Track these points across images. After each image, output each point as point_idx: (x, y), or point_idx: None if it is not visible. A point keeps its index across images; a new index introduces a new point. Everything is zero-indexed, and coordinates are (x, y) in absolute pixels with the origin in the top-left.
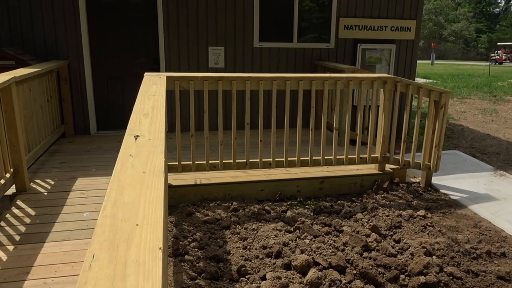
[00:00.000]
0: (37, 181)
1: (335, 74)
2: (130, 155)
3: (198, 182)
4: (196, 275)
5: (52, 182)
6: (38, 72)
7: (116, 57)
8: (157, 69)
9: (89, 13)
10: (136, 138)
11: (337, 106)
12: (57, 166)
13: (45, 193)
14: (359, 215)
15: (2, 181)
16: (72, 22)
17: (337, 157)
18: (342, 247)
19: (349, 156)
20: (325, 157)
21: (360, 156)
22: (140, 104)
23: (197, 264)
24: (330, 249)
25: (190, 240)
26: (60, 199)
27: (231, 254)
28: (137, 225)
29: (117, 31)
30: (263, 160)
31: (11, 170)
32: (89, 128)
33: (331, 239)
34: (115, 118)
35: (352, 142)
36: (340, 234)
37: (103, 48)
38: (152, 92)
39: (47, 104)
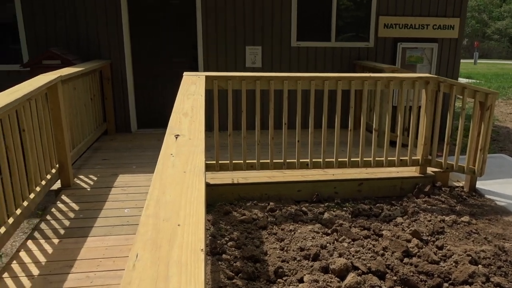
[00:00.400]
0: (81, 176)
1: (375, 73)
2: (171, 154)
3: (235, 181)
4: (233, 274)
5: (95, 178)
6: (82, 72)
7: (156, 56)
8: (196, 68)
9: (130, 13)
10: (176, 138)
11: (376, 107)
12: (100, 162)
13: (88, 189)
14: (399, 219)
15: (48, 177)
16: (114, 23)
17: (376, 158)
18: (382, 251)
19: (388, 158)
20: (364, 159)
21: (401, 158)
22: (180, 103)
23: (234, 264)
24: (369, 253)
25: (227, 239)
26: (103, 195)
27: (268, 255)
28: (179, 225)
29: (156, 30)
30: (300, 160)
31: (57, 165)
32: (130, 126)
33: (370, 243)
34: (155, 116)
35: (392, 143)
36: (380, 238)
37: (143, 48)
38: (192, 91)
39: (91, 102)
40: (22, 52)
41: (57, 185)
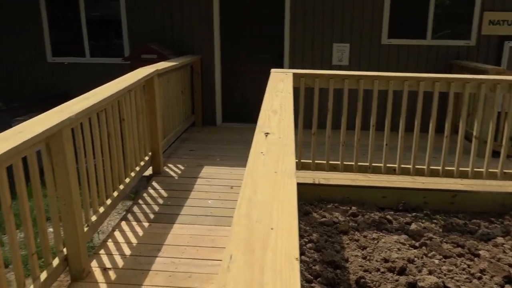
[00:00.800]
0: (170, 165)
1: (478, 75)
2: (262, 152)
3: (316, 182)
4: (312, 278)
5: (182, 168)
6: (176, 66)
7: (242, 52)
8: (281, 65)
9: (221, 13)
10: (266, 136)
11: (478, 112)
12: (187, 153)
13: (176, 177)
14: (499, 239)
15: (142, 163)
16: (206, 21)
17: (475, 169)
18: (479, 274)
19: (489, 170)
20: (460, 168)
21: (504, 171)
22: (268, 101)
23: (313, 267)
24: (463, 274)
25: (307, 240)
26: (189, 184)
27: (349, 262)
28: (272, 229)
29: (244, 27)
30: (387, 165)
31: (150, 153)
32: (215, 119)
33: (465, 263)
34: (238, 111)
35: (494, 154)
36: (476, 259)
37: (231, 45)
38: (280, 89)
39: (181, 95)
40: (124, 46)
41: (149, 171)
